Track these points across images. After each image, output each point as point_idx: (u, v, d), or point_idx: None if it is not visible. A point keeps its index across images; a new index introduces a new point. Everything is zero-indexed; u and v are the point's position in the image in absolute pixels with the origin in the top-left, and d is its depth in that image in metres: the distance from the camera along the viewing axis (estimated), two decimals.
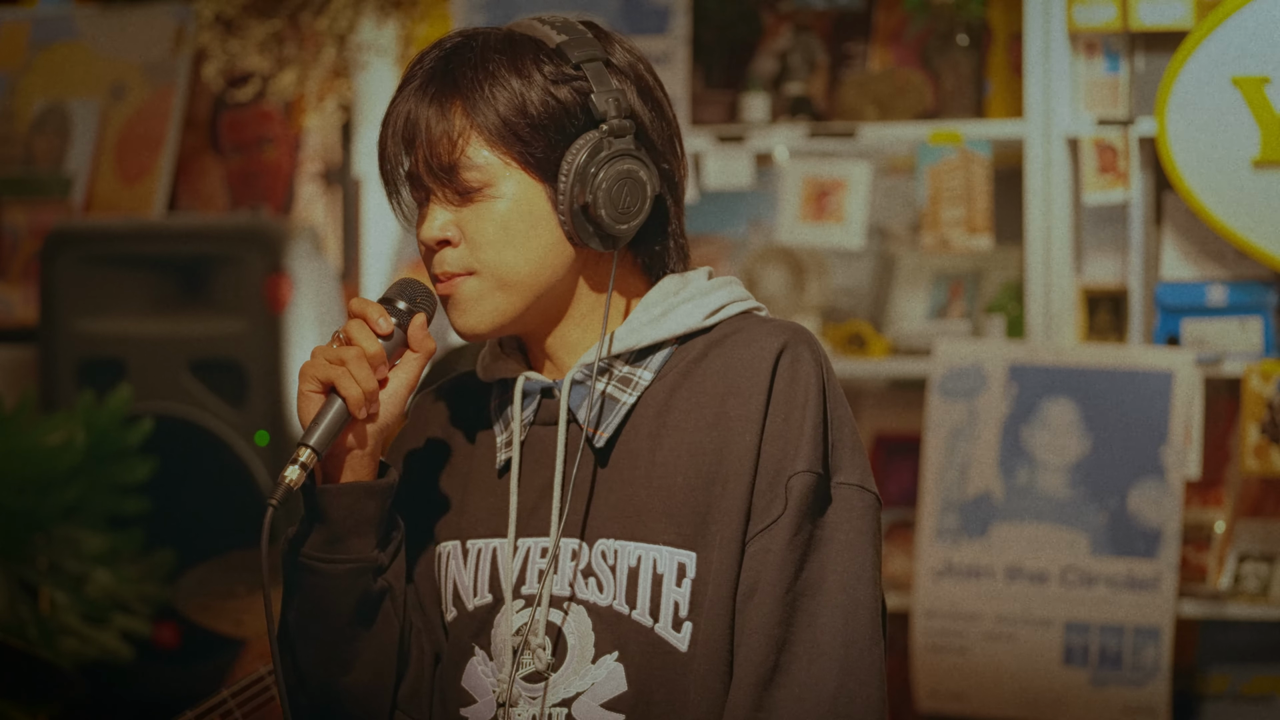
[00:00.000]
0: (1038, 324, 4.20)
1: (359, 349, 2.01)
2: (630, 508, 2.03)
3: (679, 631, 2.00)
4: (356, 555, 2.03)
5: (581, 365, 2.07)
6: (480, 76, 2.01)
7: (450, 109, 2.01)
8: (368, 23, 4.66)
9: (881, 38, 4.54)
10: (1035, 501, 4.10)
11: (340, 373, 2.00)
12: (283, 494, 1.96)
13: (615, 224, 2.03)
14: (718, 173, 4.46)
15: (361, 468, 2.03)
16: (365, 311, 2.03)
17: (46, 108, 5.12)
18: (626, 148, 2.03)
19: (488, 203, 2.01)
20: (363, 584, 2.04)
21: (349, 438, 2.01)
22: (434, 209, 2.03)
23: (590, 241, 2.04)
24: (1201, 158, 4.01)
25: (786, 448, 2.00)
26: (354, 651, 2.06)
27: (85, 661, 3.94)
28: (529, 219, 2.02)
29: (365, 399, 1.99)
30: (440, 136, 2.01)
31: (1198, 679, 4.16)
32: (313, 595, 2.04)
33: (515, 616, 2.05)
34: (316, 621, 2.05)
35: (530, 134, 2.01)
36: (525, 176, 2.02)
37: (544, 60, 2.02)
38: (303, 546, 2.03)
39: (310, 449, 1.97)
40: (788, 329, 2.05)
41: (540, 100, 2.01)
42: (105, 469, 4.01)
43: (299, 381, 2.02)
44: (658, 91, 2.08)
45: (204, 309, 4.42)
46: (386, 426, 2.04)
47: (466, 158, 2.01)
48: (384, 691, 2.09)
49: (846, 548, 2.01)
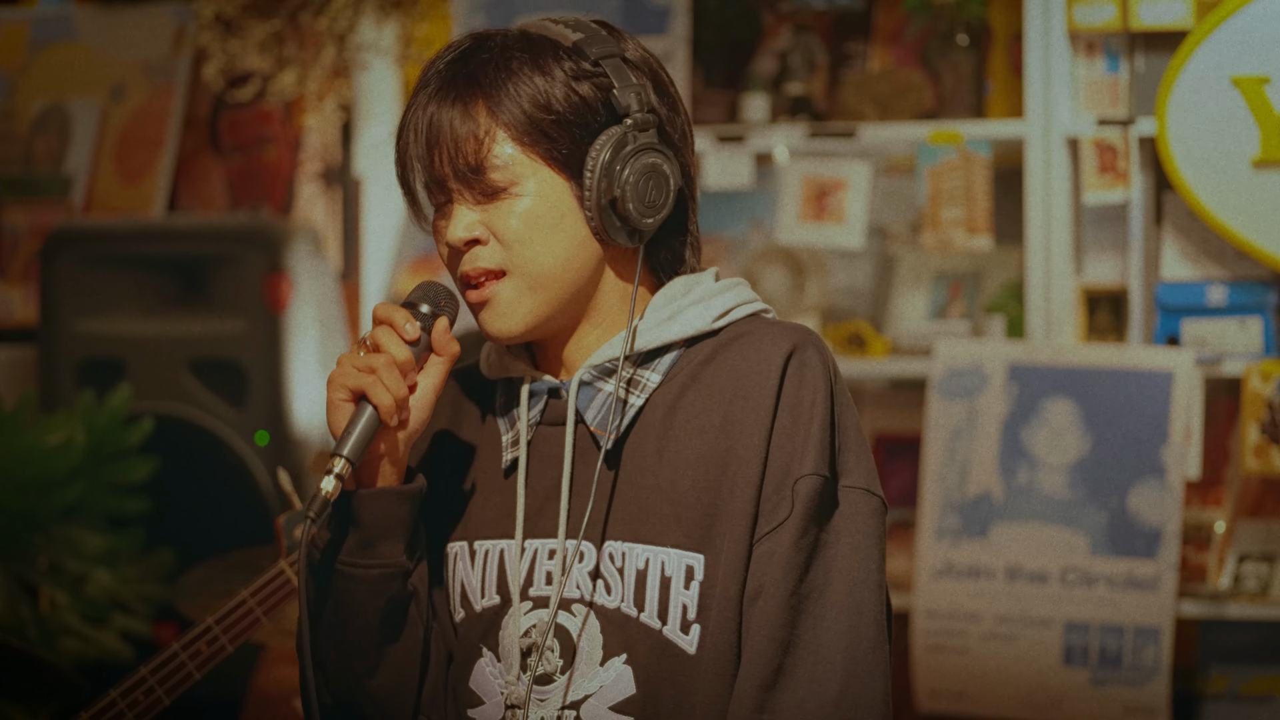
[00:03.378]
0: (1038, 324, 4.20)
1: (388, 356, 2.00)
2: (638, 510, 2.03)
3: (687, 634, 2.01)
4: (388, 560, 2.03)
5: (589, 366, 2.07)
6: (503, 75, 2.01)
7: (474, 108, 2.01)
8: (368, 23, 4.66)
9: (881, 38, 4.54)
10: (1035, 501, 4.10)
11: (371, 381, 1.98)
12: (320, 507, 1.95)
13: (642, 218, 2.03)
14: (718, 173, 4.46)
15: (391, 473, 2.03)
16: (392, 317, 2.02)
17: (46, 108, 5.11)
18: (651, 141, 2.03)
19: (513, 200, 2.01)
20: (392, 588, 2.04)
21: (380, 445, 2.01)
22: (459, 210, 2.03)
23: (617, 236, 2.04)
24: (1201, 158, 4.02)
25: (794, 450, 2.00)
26: (380, 655, 2.07)
27: (85, 661, 3.94)
28: (556, 215, 2.02)
29: (397, 406, 1.99)
30: (466, 136, 2.00)
31: (1198, 679, 4.16)
32: (342, 600, 2.04)
33: (523, 618, 2.05)
34: (345, 626, 2.05)
35: (555, 130, 2.01)
36: (551, 173, 2.02)
37: (564, 57, 2.02)
38: (336, 552, 2.03)
39: (345, 459, 1.96)
40: (796, 331, 2.05)
41: (564, 96, 2.01)
42: (105, 469, 4.00)
43: (328, 391, 2.01)
44: (671, 88, 2.09)
45: (204, 309, 4.42)
46: (416, 432, 2.03)
47: (493, 156, 2.00)
48: (408, 694, 2.09)
49: (852, 550, 2.02)
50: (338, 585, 2.04)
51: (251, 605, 2.76)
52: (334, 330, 4.43)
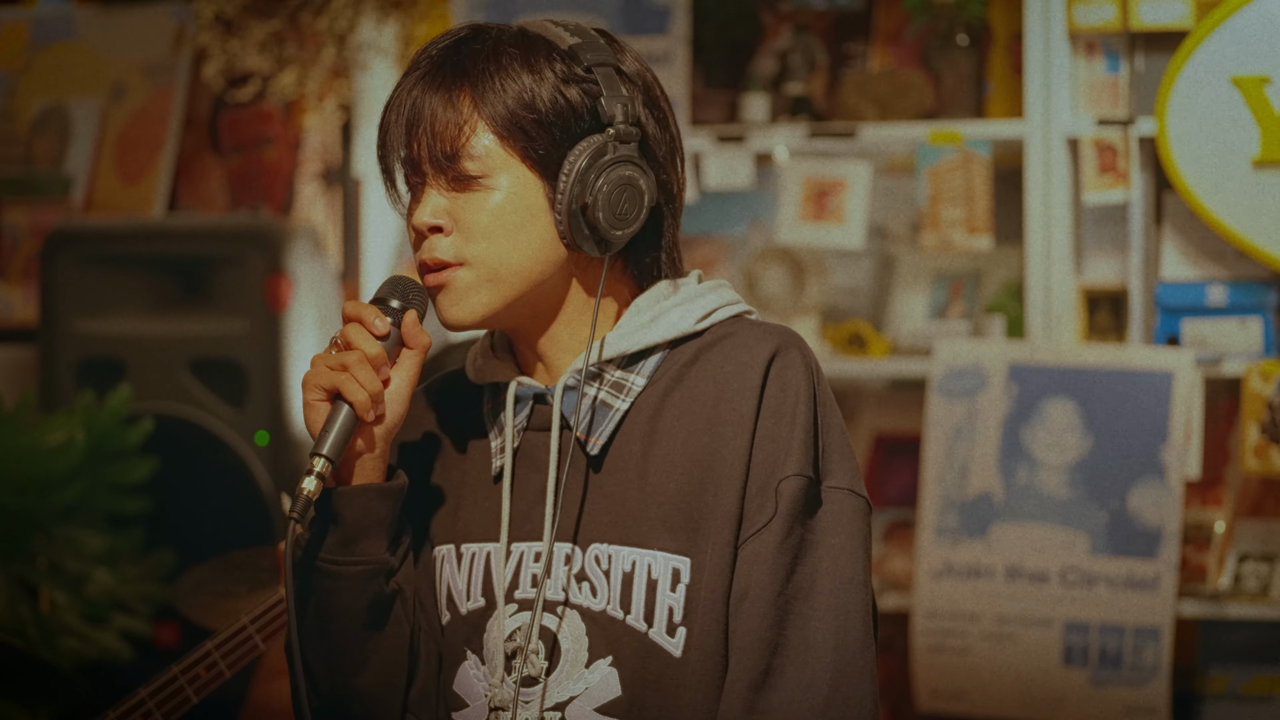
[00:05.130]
0: (1038, 324, 4.20)
1: (360, 352, 2.01)
2: (624, 513, 2.03)
3: (673, 636, 2.01)
4: (369, 557, 2.04)
5: (573, 371, 2.07)
6: (492, 68, 2.01)
7: (459, 97, 2.01)
8: (368, 23, 4.66)
9: (881, 38, 4.54)
10: (1035, 501, 4.10)
11: (344, 378, 1.99)
12: (303, 507, 1.96)
13: (611, 229, 2.03)
14: (718, 173, 4.46)
15: (372, 470, 2.04)
16: (360, 314, 2.03)
17: (46, 108, 5.12)
18: (630, 154, 2.03)
19: (484, 193, 2.02)
20: (375, 586, 2.04)
21: (358, 442, 2.02)
22: (429, 194, 2.04)
23: (583, 244, 2.04)
24: (1201, 158, 4.01)
25: (777, 452, 2.00)
26: (365, 654, 2.07)
27: (85, 661, 3.94)
28: (524, 213, 2.02)
29: (372, 402, 2.00)
30: (446, 123, 2.01)
31: (1198, 679, 4.16)
32: (325, 598, 2.04)
33: (508, 621, 2.05)
34: (329, 624, 2.05)
35: (536, 129, 2.01)
36: (525, 171, 2.02)
37: (556, 59, 2.03)
38: (317, 550, 2.03)
39: (324, 458, 1.97)
40: (779, 333, 2.05)
41: (550, 97, 2.01)
42: (105, 469, 4.01)
43: (303, 391, 2.01)
44: (663, 103, 2.09)
45: (204, 309, 4.42)
46: (394, 427, 2.04)
47: (470, 146, 2.01)
48: (394, 693, 2.09)
49: (837, 551, 2.01)
50: (320, 584, 2.04)
51: (251, 632, 2.76)
52: (334, 330, 4.42)
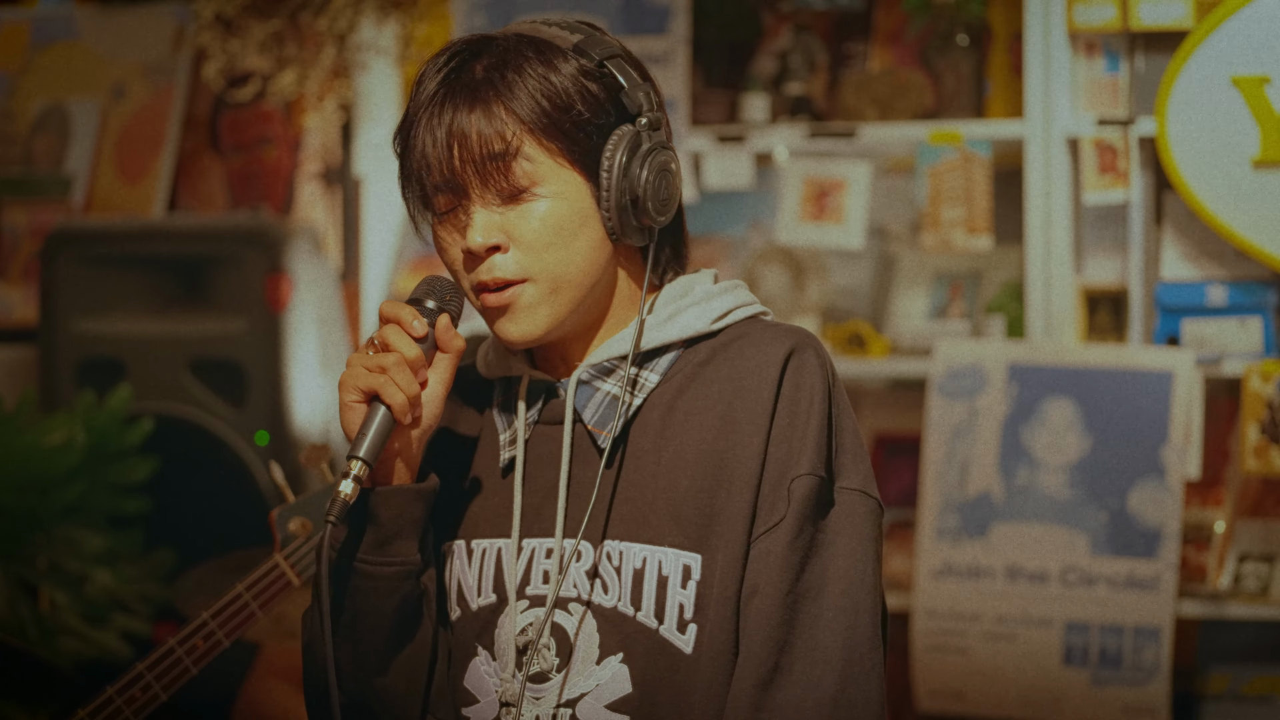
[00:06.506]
0: (1038, 324, 4.20)
1: (398, 354, 1.99)
2: (636, 510, 2.03)
3: (684, 633, 2.01)
4: (403, 558, 2.04)
5: (587, 365, 2.07)
6: (519, 76, 2.00)
7: (494, 110, 1.99)
8: (368, 23, 4.66)
9: (881, 38, 4.54)
10: (1035, 501, 4.10)
11: (383, 380, 1.98)
12: (340, 510, 1.95)
13: (658, 216, 2.04)
14: (718, 173, 4.46)
15: (405, 472, 2.03)
16: (399, 315, 2.01)
17: (46, 108, 5.12)
18: (662, 140, 2.05)
19: (534, 202, 2.01)
20: (406, 586, 2.05)
21: (394, 444, 2.01)
22: (478, 213, 2.01)
23: (633, 236, 2.04)
24: (1201, 158, 4.01)
25: (790, 451, 2.00)
26: (392, 653, 2.07)
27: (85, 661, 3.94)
28: (577, 217, 2.02)
29: (410, 404, 1.99)
30: (492, 137, 1.99)
31: (1198, 679, 4.16)
32: (357, 597, 2.04)
33: (519, 617, 2.05)
34: (359, 624, 2.05)
35: (573, 129, 2.01)
36: (571, 173, 2.02)
37: (570, 57, 2.03)
38: (353, 551, 2.03)
39: (362, 461, 1.96)
40: (794, 334, 2.05)
41: (579, 95, 2.01)
42: (105, 469, 4.00)
43: (340, 393, 2.00)
44: (657, 84, 2.10)
45: (204, 309, 4.42)
46: (429, 429, 2.03)
47: (521, 156, 1.99)
48: (416, 693, 2.10)
49: (848, 552, 2.02)
50: (354, 583, 2.04)
51: (247, 599, 2.76)
52: (334, 330, 4.42)
